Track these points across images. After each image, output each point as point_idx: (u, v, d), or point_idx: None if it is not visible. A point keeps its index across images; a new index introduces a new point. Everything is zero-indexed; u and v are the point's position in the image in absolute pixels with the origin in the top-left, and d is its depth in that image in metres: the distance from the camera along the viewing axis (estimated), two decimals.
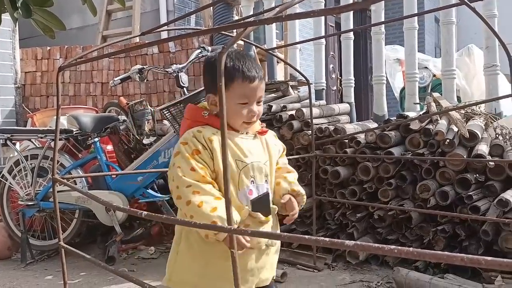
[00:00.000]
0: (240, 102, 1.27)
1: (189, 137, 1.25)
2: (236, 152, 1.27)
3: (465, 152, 2.57)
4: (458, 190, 2.52)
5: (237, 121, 1.29)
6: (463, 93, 5.26)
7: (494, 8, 3.01)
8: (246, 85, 1.27)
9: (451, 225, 2.54)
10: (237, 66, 1.26)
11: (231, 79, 1.25)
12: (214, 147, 1.24)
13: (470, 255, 0.57)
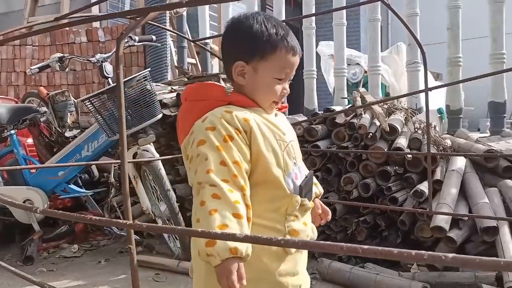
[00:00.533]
0: (277, 77, 1.06)
1: (217, 120, 1.00)
2: (275, 130, 1.06)
3: (386, 146, 2.67)
4: (379, 182, 2.61)
5: (267, 98, 1.08)
6: (392, 89, 5.48)
7: (416, 7, 3.14)
8: (290, 58, 1.07)
9: (372, 216, 2.63)
10: (281, 33, 1.06)
11: (273, 48, 1.05)
12: (252, 126, 1.01)
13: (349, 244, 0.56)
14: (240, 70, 1.07)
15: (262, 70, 1.05)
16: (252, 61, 1.06)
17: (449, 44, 3.03)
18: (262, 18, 1.07)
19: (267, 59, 1.04)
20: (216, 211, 0.91)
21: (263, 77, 1.06)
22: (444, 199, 2.25)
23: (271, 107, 1.09)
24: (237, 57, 1.07)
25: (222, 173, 0.95)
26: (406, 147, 2.60)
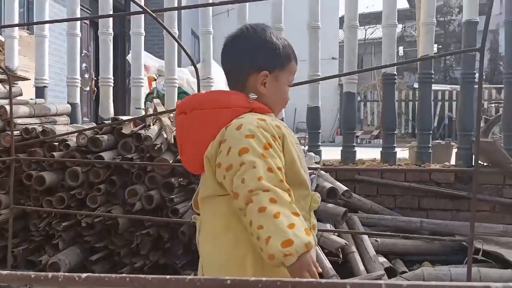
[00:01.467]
0: (289, 84, 1.20)
1: (255, 128, 1.03)
2: (294, 136, 1.15)
3: (172, 157, 2.69)
4: (164, 194, 2.61)
5: (283, 103, 1.20)
6: None
7: (208, 25, 3.29)
8: (295, 67, 1.21)
9: (156, 228, 2.61)
10: (290, 46, 1.19)
11: (288, 58, 1.18)
12: (284, 133, 1.08)
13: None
14: (263, 80, 1.14)
15: (281, 79, 1.16)
16: (274, 71, 1.15)
17: None
18: (272, 31, 1.19)
19: (285, 69, 1.16)
20: (279, 213, 0.96)
21: (282, 85, 1.17)
22: None
23: (279, 111, 1.21)
24: (260, 67, 1.14)
25: (271, 179, 1.00)
26: None
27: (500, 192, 2.89)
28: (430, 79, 3.17)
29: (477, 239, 2.51)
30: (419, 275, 2.23)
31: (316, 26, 3.16)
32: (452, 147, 3.61)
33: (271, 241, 0.94)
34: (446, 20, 16.41)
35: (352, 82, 3.26)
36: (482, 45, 1.61)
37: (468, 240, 1.72)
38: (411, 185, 3.01)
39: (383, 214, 2.91)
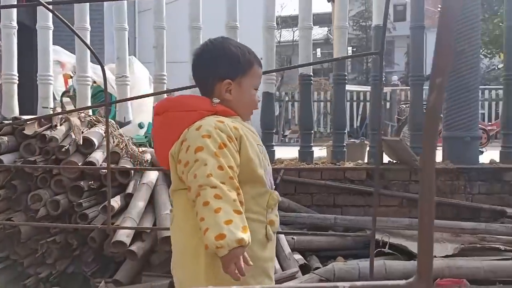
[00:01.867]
0: (255, 87, 1.28)
1: (212, 129, 1.14)
2: (255, 137, 1.24)
3: (81, 159, 2.56)
4: (72, 198, 2.47)
5: (249, 108, 1.29)
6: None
7: (124, 22, 3.17)
8: (259, 71, 1.29)
9: (64, 235, 2.46)
10: (251, 51, 1.28)
11: (250, 64, 1.26)
12: (241, 134, 1.17)
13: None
14: (227, 88, 1.24)
15: (245, 84, 1.25)
16: (236, 78, 1.25)
17: (155, 62, 3.16)
18: (232, 42, 1.30)
19: (247, 75, 1.25)
20: (221, 209, 1.05)
21: (247, 90, 1.25)
22: (130, 213, 2.28)
23: (248, 115, 1.29)
24: (223, 76, 1.24)
25: (220, 176, 1.08)
26: (101, 161, 2.55)
27: (407, 187, 3.06)
28: (344, 80, 3.30)
29: (384, 233, 2.65)
30: (330, 270, 2.30)
31: (234, 26, 3.16)
32: (366, 145, 3.78)
33: (208, 232, 1.05)
34: (368, 24, 17.29)
35: (270, 82, 3.30)
36: (381, 49, 1.68)
37: (371, 235, 1.79)
38: (326, 183, 3.10)
39: (300, 212, 2.97)
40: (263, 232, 1.20)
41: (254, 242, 1.15)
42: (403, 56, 17.80)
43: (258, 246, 1.19)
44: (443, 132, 3.20)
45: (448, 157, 3.09)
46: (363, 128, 11.14)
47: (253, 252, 1.16)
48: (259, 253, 1.19)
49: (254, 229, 1.16)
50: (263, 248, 1.21)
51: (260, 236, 1.19)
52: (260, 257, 1.20)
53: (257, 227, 1.19)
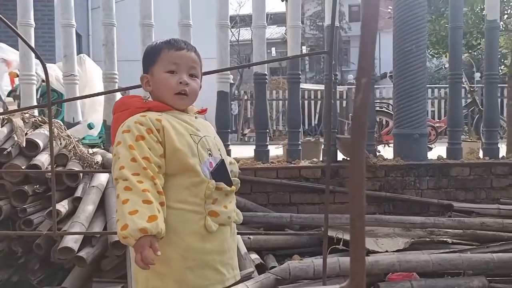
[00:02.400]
0: (167, 70, 1.25)
1: (132, 124, 1.17)
2: (188, 127, 1.24)
3: (25, 162, 2.43)
4: (15, 203, 2.35)
5: (168, 91, 1.26)
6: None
7: (71, 18, 3.04)
8: (173, 53, 1.26)
9: (7, 243, 2.34)
10: (163, 40, 1.29)
11: (158, 51, 1.27)
12: (163, 125, 1.18)
13: None
14: (146, 81, 1.29)
15: (156, 72, 1.26)
16: (149, 69, 1.29)
17: (105, 60, 3.06)
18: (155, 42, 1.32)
19: (156, 62, 1.26)
20: (128, 200, 1.08)
21: (158, 76, 1.25)
22: (78, 217, 2.19)
23: (179, 101, 1.26)
24: (143, 73, 1.31)
25: (132, 168, 1.11)
26: (47, 164, 2.43)
27: None
28: (298, 79, 3.32)
29: (338, 230, 2.69)
30: (285, 269, 2.30)
31: (187, 24, 3.11)
32: (321, 144, 3.83)
33: (118, 223, 1.09)
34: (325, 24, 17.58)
35: (225, 81, 3.28)
36: (330, 48, 1.70)
37: (323, 232, 1.80)
38: (282, 181, 3.11)
39: (256, 211, 2.97)
40: (201, 223, 1.18)
41: (189, 233, 1.18)
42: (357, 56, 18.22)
43: (194, 237, 1.18)
44: (394, 130, 3.30)
45: (399, 154, 3.18)
46: (320, 126, 11.33)
47: (187, 243, 1.17)
48: (196, 244, 1.18)
49: (189, 220, 1.18)
50: (202, 239, 1.19)
51: (196, 226, 1.18)
52: (198, 249, 1.19)
53: (193, 218, 1.18)
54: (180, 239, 1.16)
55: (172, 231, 1.15)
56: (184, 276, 1.17)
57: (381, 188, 3.06)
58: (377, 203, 3.05)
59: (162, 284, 1.18)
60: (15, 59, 5.62)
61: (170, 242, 1.15)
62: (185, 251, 1.17)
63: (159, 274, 1.17)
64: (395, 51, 3.16)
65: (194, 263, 1.18)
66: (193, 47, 1.31)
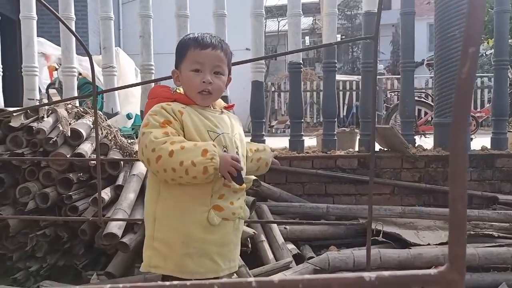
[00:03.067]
0: (192, 69, 1.30)
1: (158, 109, 1.25)
2: (207, 123, 1.29)
3: (70, 151, 2.50)
4: (61, 190, 2.42)
5: (192, 89, 1.31)
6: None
7: (110, 11, 3.09)
8: (198, 52, 1.30)
9: (53, 228, 2.41)
10: (191, 37, 1.33)
11: (185, 49, 1.32)
12: (183, 119, 1.25)
13: None
14: (176, 76, 1.36)
15: (183, 69, 1.32)
16: (178, 66, 1.35)
17: (142, 52, 3.09)
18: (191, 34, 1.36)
19: (183, 60, 1.32)
20: (183, 146, 1.18)
21: (184, 73, 1.32)
22: (121, 205, 2.24)
23: (198, 98, 1.31)
24: (175, 67, 1.38)
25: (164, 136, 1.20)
26: (90, 153, 2.49)
27: (399, 175, 3.07)
28: (334, 68, 3.27)
29: (378, 221, 2.65)
30: (324, 259, 2.29)
31: (222, 14, 3.11)
32: (356, 134, 3.78)
33: (195, 161, 1.17)
34: (353, 13, 17.27)
35: (260, 71, 3.27)
36: (375, 33, 1.66)
37: (367, 223, 1.78)
38: (317, 171, 3.09)
39: (291, 202, 2.96)
40: (205, 216, 1.26)
41: (192, 223, 1.27)
42: (389, 45, 17.85)
43: (197, 227, 1.27)
44: (434, 119, 3.21)
45: (440, 144, 3.10)
46: (349, 118, 11.18)
47: (190, 232, 1.27)
48: (197, 234, 1.27)
49: (194, 210, 1.26)
50: (203, 230, 1.27)
51: (199, 218, 1.27)
52: (199, 239, 1.27)
53: (197, 209, 1.27)
54: (184, 227, 1.26)
55: (177, 219, 1.27)
56: (184, 261, 1.26)
57: (421, 180, 3.00)
58: (416, 195, 2.99)
59: (164, 264, 1.27)
60: (53, 53, 5.77)
61: (174, 228, 1.26)
62: (187, 239, 1.26)
63: (162, 255, 1.27)
64: (437, 37, 3.06)
65: (193, 251, 1.26)
66: (220, 44, 1.33)
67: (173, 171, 1.18)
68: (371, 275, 0.46)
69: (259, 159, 1.51)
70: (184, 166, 1.17)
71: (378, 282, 0.45)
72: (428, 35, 17.46)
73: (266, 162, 1.53)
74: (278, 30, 16.76)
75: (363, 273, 0.45)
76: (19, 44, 3.19)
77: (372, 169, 1.73)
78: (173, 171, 1.18)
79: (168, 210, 1.28)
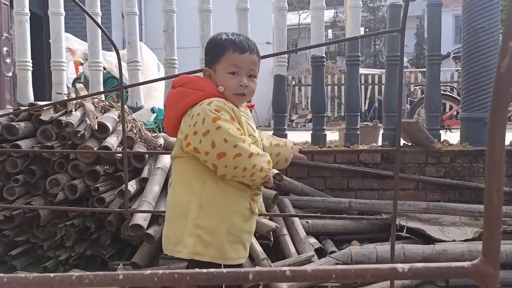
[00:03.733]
0: (229, 71, 1.34)
1: (222, 105, 1.29)
2: (249, 127, 1.37)
3: (96, 144, 2.56)
4: (88, 182, 2.48)
5: (228, 92, 1.34)
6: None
7: (134, 6, 3.13)
8: (236, 55, 1.34)
9: (81, 219, 2.48)
10: (230, 38, 1.35)
11: (223, 50, 1.34)
12: (240, 120, 1.33)
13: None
14: (207, 74, 1.39)
15: (219, 70, 1.35)
16: (213, 65, 1.38)
17: (165, 46, 3.13)
18: (224, 34, 1.38)
19: (220, 61, 1.34)
20: (258, 152, 1.31)
21: (220, 75, 1.35)
22: (146, 197, 2.28)
23: (237, 100, 1.36)
24: (206, 65, 1.41)
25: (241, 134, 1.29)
26: (116, 146, 2.54)
27: (423, 170, 3.03)
28: (358, 62, 3.25)
29: (401, 216, 2.63)
30: (347, 254, 2.29)
31: (245, 8, 3.11)
32: (379, 128, 3.75)
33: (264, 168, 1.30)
34: (375, 6, 17.01)
35: (282, 65, 3.26)
36: (403, 26, 1.64)
37: (391, 218, 1.77)
38: (340, 166, 3.08)
39: (313, 196, 2.96)
40: (247, 206, 1.36)
41: (236, 212, 1.35)
42: (412, 38, 17.54)
43: (239, 217, 1.36)
44: (461, 113, 3.16)
45: (466, 139, 3.05)
46: (371, 112, 11.06)
47: (234, 220, 1.34)
48: (239, 223, 1.35)
49: (238, 201, 1.35)
50: (244, 219, 1.36)
51: (242, 208, 1.36)
52: (240, 227, 1.36)
53: (241, 200, 1.36)
54: (229, 216, 1.34)
55: (223, 207, 1.34)
56: (224, 247, 1.33)
57: (446, 175, 2.96)
58: (441, 190, 2.95)
59: (204, 251, 1.32)
60: (79, 48, 5.88)
61: (219, 216, 1.33)
62: (231, 226, 1.34)
63: (204, 242, 1.31)
64: (464, 29, 2.99)
65: (233, 238, 1.34)
66: (255, 47, 1.40)
67: (242, 170, 1.28)
68: (404, 266, 0.46)
69: (278, 154, 1.55)
70: (254, 169, 1.28)
71: (411, 274, 0.46)
72: (454, 26, 17.08)
73: (285, 158, 1.56)
74: (299, 23, 16.64)
75: (396, 264, 0.46)
76: (45, 39, 3.26)
77: (398, 164, 1.72)
78: (242, 170, 1.28)
79: (215, 199, 1.34)
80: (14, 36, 7.19)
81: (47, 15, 3.19)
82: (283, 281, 0.48)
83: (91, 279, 0.49)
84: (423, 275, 0.46)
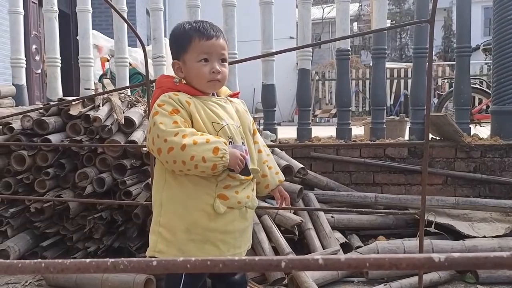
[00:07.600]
0: (199, 59, 1.30)
1: (166, 99, 1.26)
2: (211, 115, 1.30)
3: (123, 139, 2.60)
4: (116, 176, 2.52)
5: (201, 80, 1.31)
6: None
7: (159, 1, 3.16)
8: (204, 43, 1.30)
9: (109, 212, 2.53)
10: (194, 26, 1.31)
11: (189, 40, 1.30)
12: (191, 110, 1.26)
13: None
14: (177, 67, 1.34)
15: (188, 61, 1.31)
16: (181, 57, 1.33)
17: None
18: (186, 23, 1.34)
19: (187, 51, 1.30)
20: (195, 140, 1.20)
21: (190, 65, 1.30)
22: None
23: (208, 86, 1.32)
24: (173, 58, 1.36)
25: (176, 127, 1.21)
26: (142, 140, 2.58)
27: (452, 165, 2.97)
28: (384, 55, 3.20)
29: (429, 212, 2.58)
30: (373, 249, 2.27)
31: (269, 1, 3.10)
32: (406, 122, 3.69)
33: (206, 158, 1.20)
34: None
35: (307, 59, 3.24)
36: (432, 16, 1.60)
37: (420, 213, 1.74)
38: (365, 160, 3.05)
39: (338, 191, 2.94)
40: (210, 204, 1.28)
41: (197, 210, 1.28)
42: (440, 30, 17.14)
43: (201, 215, 1.29)
44: (492, 107, 3.07)
45: (497, 133, 2.97)
46: (397, 106, 10.88)
47: (194, 218, 1.28)
48: (201, 221, 1.29)
49: (198, 198, 1.28)
50: (208, 218, 1.29)
51: (204, 205, 1.28)
52: (203, 226, 1.29)
53: (202, 197, 1.29)
54: (187, 214, 1.28)
55: (181, 205, 1.29)
56: (187, 246, 1.28)
57: (476, 170, 2.89)
58: (471, 185, 2.89)
59: (167, 249, 1.29)
60: (105, 45, 5.99)
61: (178, 214, 1.28)
62: (191, 225, 1.28)
63: (165, 240, 1.28)
64: (495, 20, 2.91)
65: (197, 237, 1.29)
66: (221, 32, 1.36)
67: (182, 164, 1.21)
68: (440, 256, 0.45)
69: (265, 176, 1.48)
70: (194, 161, 1.20)
71: (448, 263, 0.45)
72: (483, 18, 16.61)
73: (267, 184, 1.49)
74: (323, 17, 16.48)
75: (432, 254, 0.45)
76: (72, 37, 3.33)
77: (426, 158, 1.68)
78: (182, 163, 1.21)
79: (174, 197, 1.30)
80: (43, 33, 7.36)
81: (74, 13, 3.26)
82: (315, 269, 0.48)
83: (125, 265, 0.50)
84: (460, 265, 0.45)
